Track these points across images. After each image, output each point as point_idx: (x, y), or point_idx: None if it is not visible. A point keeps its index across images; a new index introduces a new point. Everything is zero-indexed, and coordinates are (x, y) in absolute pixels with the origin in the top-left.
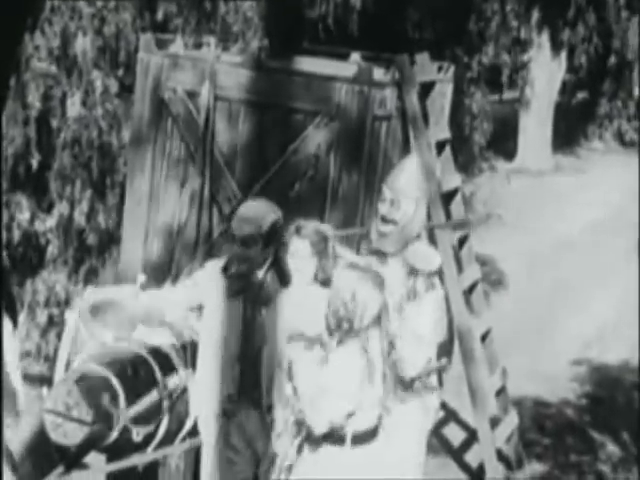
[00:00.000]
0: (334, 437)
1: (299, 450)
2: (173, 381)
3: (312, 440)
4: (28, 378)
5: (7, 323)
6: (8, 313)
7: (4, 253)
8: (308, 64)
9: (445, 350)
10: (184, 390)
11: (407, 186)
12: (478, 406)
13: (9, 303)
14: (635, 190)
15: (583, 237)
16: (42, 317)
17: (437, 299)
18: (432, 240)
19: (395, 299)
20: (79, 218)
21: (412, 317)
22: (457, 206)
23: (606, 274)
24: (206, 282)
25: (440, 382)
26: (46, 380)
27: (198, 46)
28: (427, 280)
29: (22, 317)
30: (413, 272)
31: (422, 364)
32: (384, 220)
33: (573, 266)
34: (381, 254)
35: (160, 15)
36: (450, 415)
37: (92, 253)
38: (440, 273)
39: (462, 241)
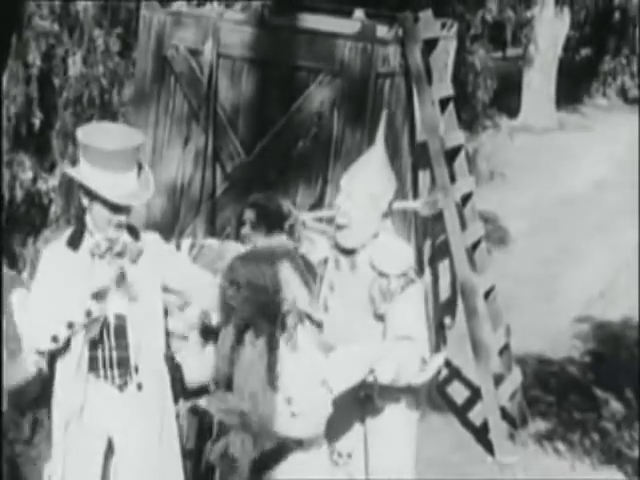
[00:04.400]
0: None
1: None
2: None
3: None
4: None
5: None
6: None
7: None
8: (311, 21)
9: (449, 308)
10: None
11: (362, 184)
12: (481, 364)
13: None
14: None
15: (586, 194)
16: None
17: (415, 294)
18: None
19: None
20: None
21: (391, 319)
22: (460, 163)
23: (609, 231)
24: None
25: (444, 340)
26: None
27: (201, 3)
28: (399, 280)
29: (25, 276)
30: (382, 275)
31: (414, 367)
32: (338, 213)
33: (576, 223)
34: (346, 251)
35: None
36: (453, 373)
37: None
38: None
39: (465, 198)
